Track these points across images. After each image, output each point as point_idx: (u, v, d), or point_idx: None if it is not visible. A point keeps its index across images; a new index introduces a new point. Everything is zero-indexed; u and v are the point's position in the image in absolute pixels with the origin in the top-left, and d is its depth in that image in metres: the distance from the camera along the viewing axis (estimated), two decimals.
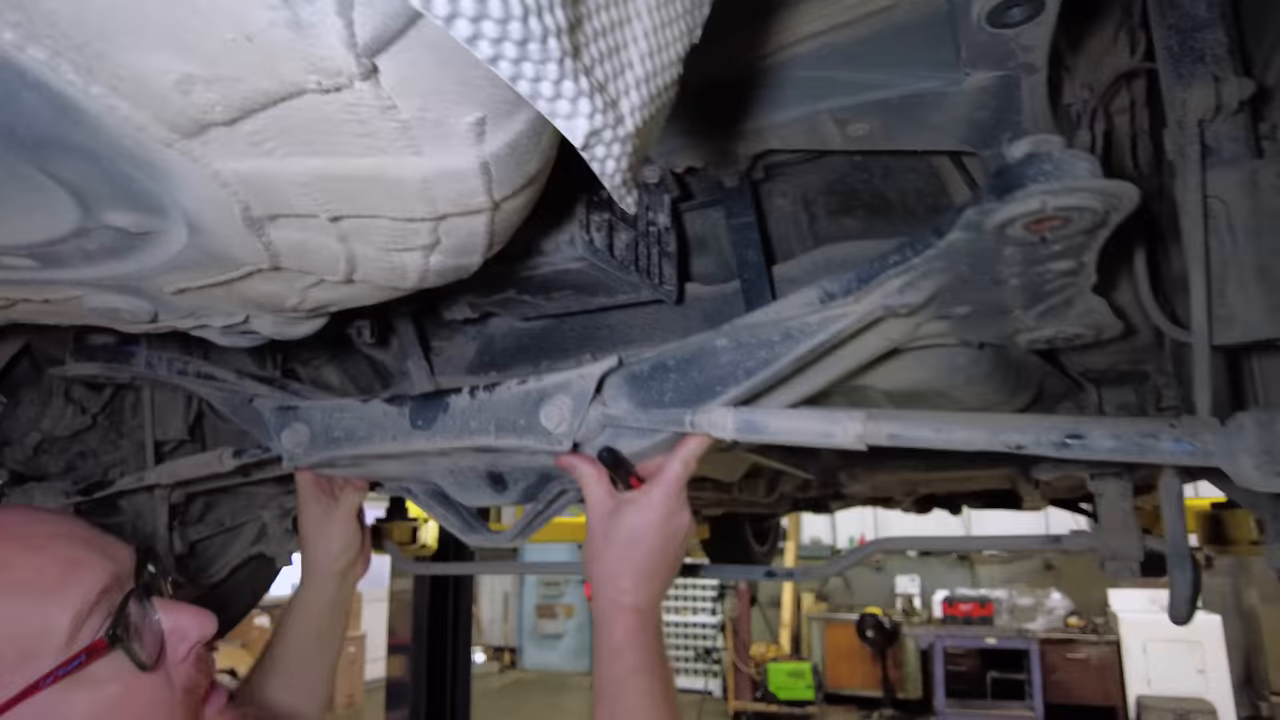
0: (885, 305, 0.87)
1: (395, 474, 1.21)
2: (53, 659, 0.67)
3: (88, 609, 0.70)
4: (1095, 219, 0.71)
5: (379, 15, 0.36)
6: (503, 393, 0.98)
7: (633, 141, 0.48)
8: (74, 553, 0.73)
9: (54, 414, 1.48)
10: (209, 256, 0.68)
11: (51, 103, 0.43)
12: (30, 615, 0.68)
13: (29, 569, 0.70)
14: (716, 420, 0.86)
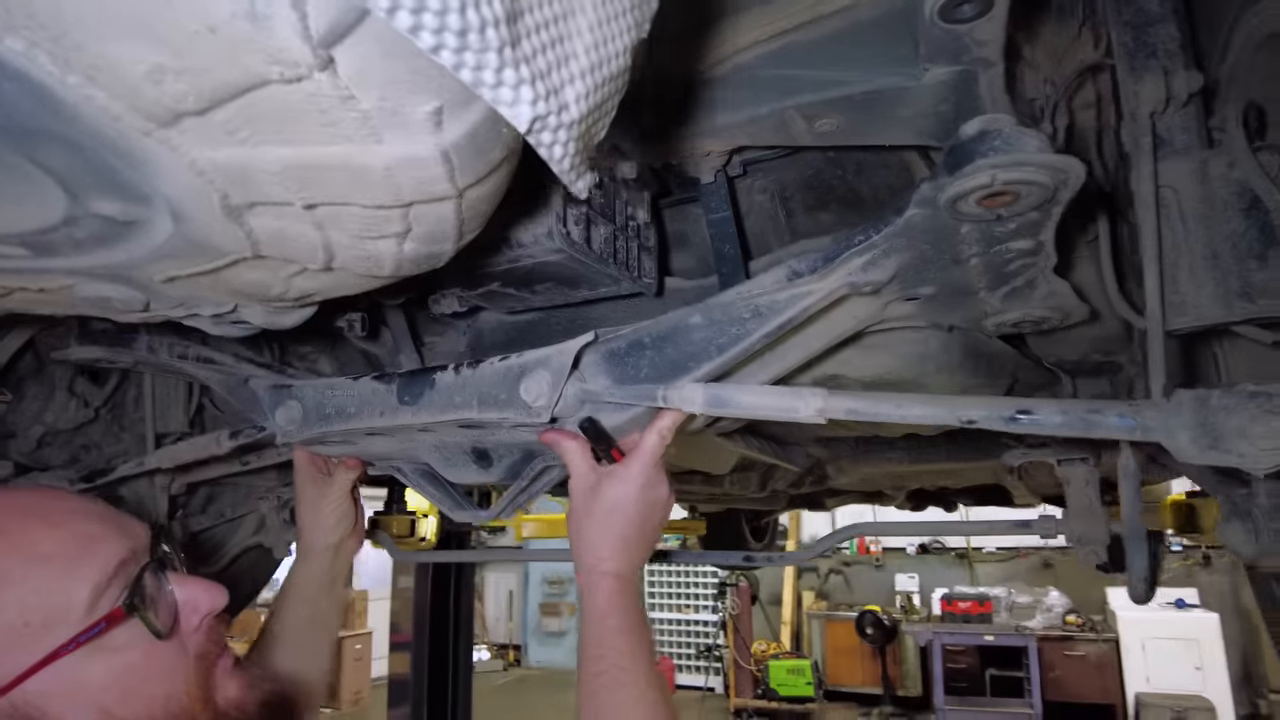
0: (850, 283, 0.90)
1: (384, 451, 1.24)
2: (74, 627, 0.71)
3: (106, 580, 0.74)
4: (1045, 194, 0.74)
5: (331, 8, 0.39)
6: (485, 368, 1.01)
7: (579, 128, 0.51)
8: (92, 528, 0.78)
9: (57, 407, 1.52)
10: (194, 245, 0.72)
11: (31, 93, 0.46)
12: (53, 586, 0.72)
13: (51, 543, 0.74)
14: (687, 395, 0.90)
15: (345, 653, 8.72)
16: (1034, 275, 0.96)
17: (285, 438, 1.17)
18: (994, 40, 0.83)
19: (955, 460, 1.98)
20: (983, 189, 0.72)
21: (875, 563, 9.43)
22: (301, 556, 1.30)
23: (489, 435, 1.10)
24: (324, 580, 1.30)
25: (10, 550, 0.73)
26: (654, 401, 0.92)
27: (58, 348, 1.42)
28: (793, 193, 1.38)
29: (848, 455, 2.19)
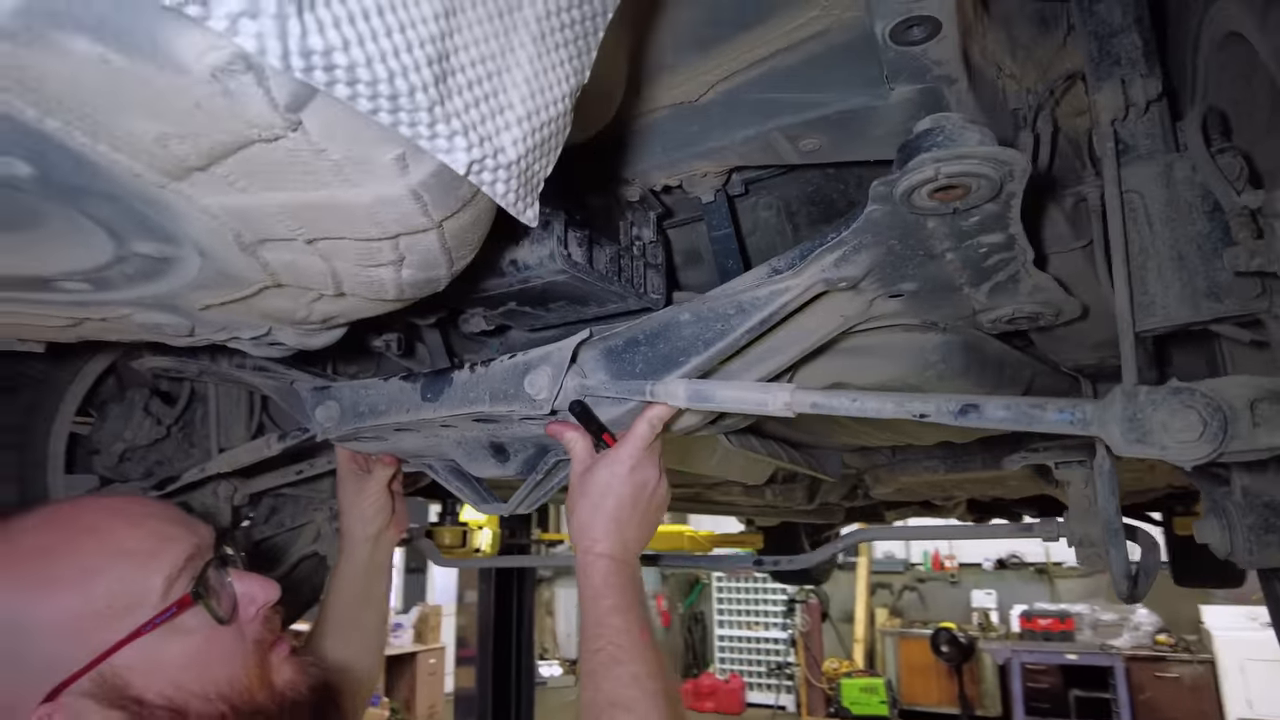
0: (824, 279, 0.96)
1: (414, 448, 1.34)
2: (150, 611, 0.83)
3: (176, 572, 0.85)
4: (993, 186, 0.79)
5: (288, 84, 0.48)
6: (496, 366, 1.11)
7: (517, 167, 0.59)
8: (166, 528, 0.89)
9: (135, 426, 1.68)
10: (222, 276, 0.82)
11: (73, 159, 0.57)
12: (133, 576, 0.84)
13: (132, 540, 0.86)
14: (672, 390, 0.97)
15: (419, 667, 8.95)
16: (1015, 270, 0.99)
17: (324, 434, 1.28)
18: (950, 59, 0.88)
19: (991, 468, 1.97)
20: (929, 182, 0.77)
21: (950, 579, 9.18)
22: (345, 547, 1.41)
23: (504, 430, 1.18)
24: (367, 568, 1.40)
25: (99, 546, 0.85)
26: (643, 396, 0.99)
27: (135, 373, 1.58)
28: (797, 208, 1.43)
29: (884, 464, 2.20)
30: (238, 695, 0.87)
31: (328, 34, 0.43)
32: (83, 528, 0.87)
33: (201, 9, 0.39)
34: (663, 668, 0.95)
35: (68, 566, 0.83)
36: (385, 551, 1.46)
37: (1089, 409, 0.72)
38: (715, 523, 9.29)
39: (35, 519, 0.89)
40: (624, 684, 0.91)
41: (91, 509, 0.93)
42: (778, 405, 0.90)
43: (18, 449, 1.47)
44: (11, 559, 0.83)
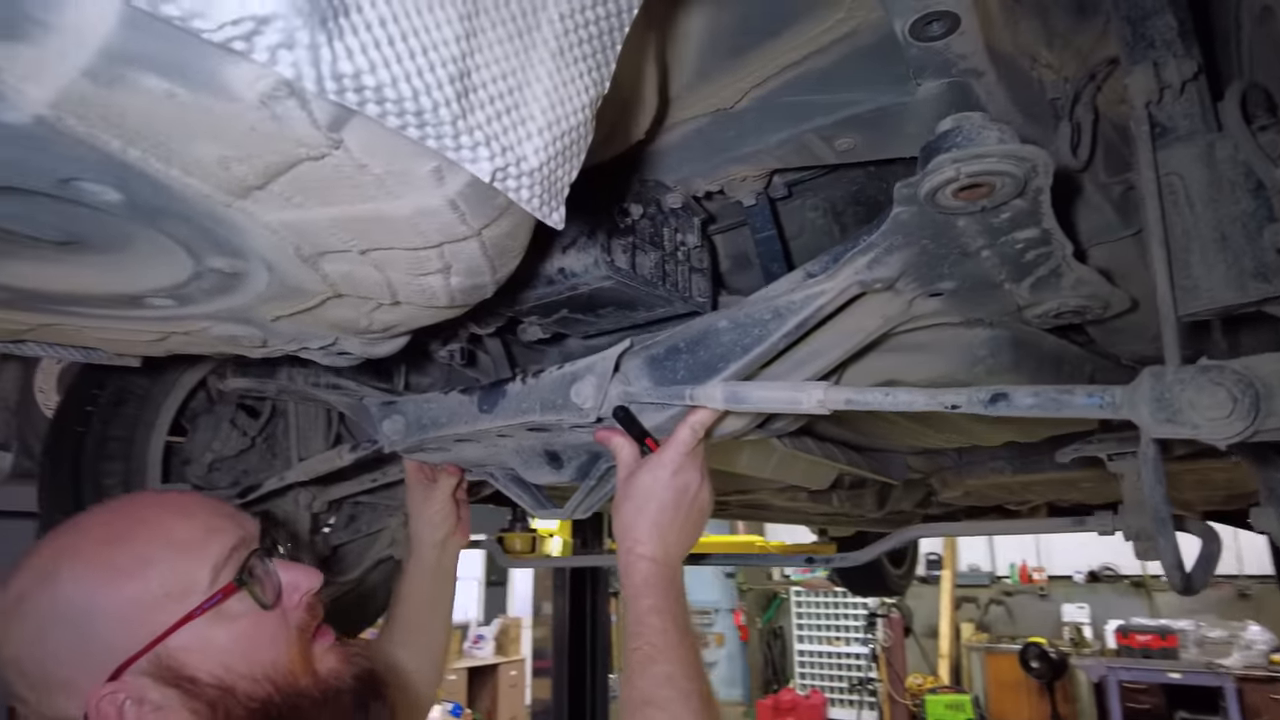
0: (859, 281, 0.98)
1: (475, 457, 1.41)
2: (200, 597, 0.89)
3: (222, 561, 0.92)
4: (1016, 183, 0.79)
5: (327, 106, 0.54)
6: (545, 377, 1.16)
7: (540, 174, 0.63)
8: (214, 521, 0.96)
9: (223, 437, 1.81)
10: (288, 288, 0.90)
11: (151, 184, 0.64)
12: (184, 564, 0.90)
13: (183, 531, 0.93)
14: (710, 393, 1.00)
15: (501, 679, 9.10)
16: (1055, 264, 0.99)
17: (391, 446, 1.36)
18: (974, 52, 0.89)
19: (1062, 469, 1.91)
20: (951, 182, 0.78)
21: (1040, 591, 8.82)
22: (412, 554, 1.48)
23: (556, 438, 1.23)
24: (433, 574, 1.47)
25: (154, 537, 0.92)
26: (684, 400, 1.02)
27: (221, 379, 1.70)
28: (843, 208, 1.44)
29: (950, 467, 2.17)
30: (282, 677, 0.92)
31: (356, 59, 0.49)
32: (140, 521, 0.94)
33: (245, 44, 0.45)
34: (699, 669, 0.97)
35: (127, 557, 0.89)
36: (451, 557, 1.53)
37: (1118, 392, 0.71)
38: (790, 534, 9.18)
39: (101, 512, 0.97)
40: (658, 683, 0.93)
41: (148, 504, 1.01)
42: (811, 402, 0.92)
43: (124, 459, 1.60)
44: (81, 549, 0.91)
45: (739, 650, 10.69)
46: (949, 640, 8.93)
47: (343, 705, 0.96)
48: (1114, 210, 1.13)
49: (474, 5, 0.58)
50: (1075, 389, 0.74)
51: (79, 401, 1.58)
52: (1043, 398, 0.75)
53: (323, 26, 0.46)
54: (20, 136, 0.57)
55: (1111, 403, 0.71)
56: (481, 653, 9.22)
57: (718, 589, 11.01)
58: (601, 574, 5.16)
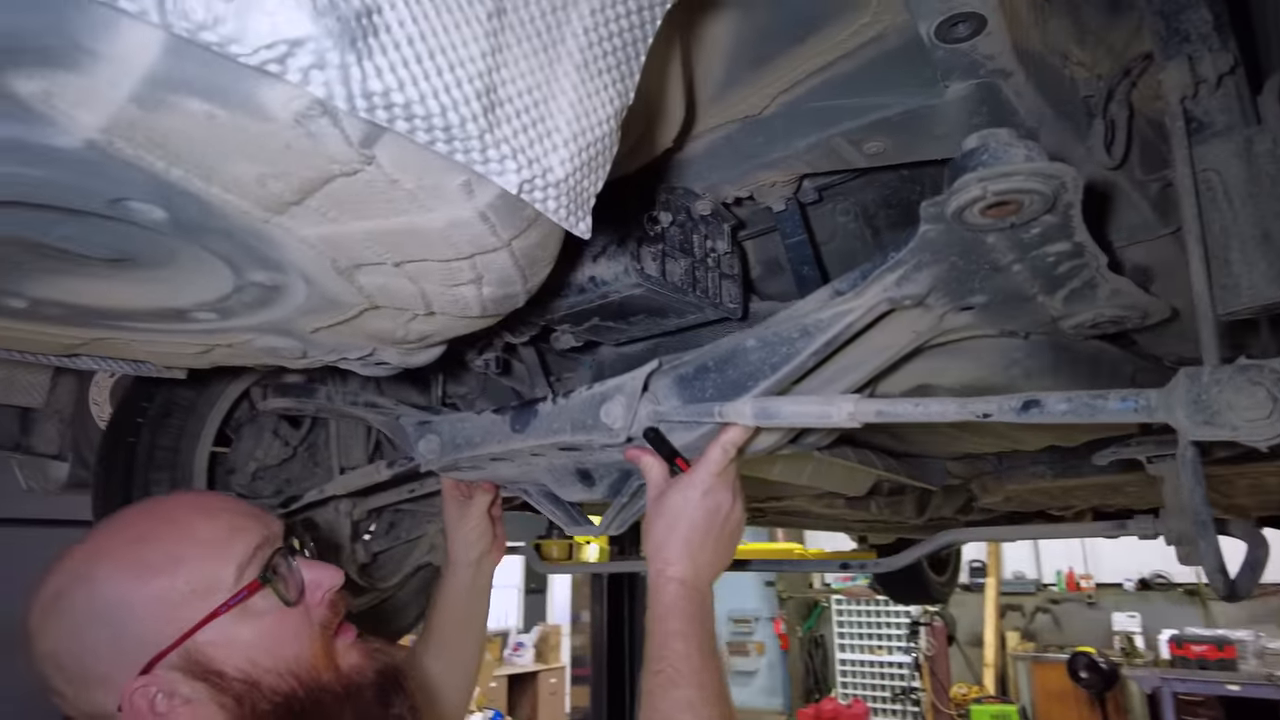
0: (887, 298, 0.97)
1: (510, 475, 1.42)
2: (225, 594, 0.92)
3: (247, 559, 0.95)
4: (1045, 200, 0.79)
5: (358, 123, 0.56)
6: (575, 397, 1.16)
7: (566, 184, 0.65)
8: (238, 520, 0.99)
9: (265, 447, 1.85)
10: (326, 300, 0.92)
11: (195, 201, 0.67)
12: (210, 563, 0.93)
13: (209, 531, 0.96)
14: (740, 410, 0.99)
15: (541, 686, 9.14)
16: (1089, 275, 0.98)
17: (427, 465, 1.38)
18: (1002, 52, 0.88)
19: (1104, 473, 1.87)
20: (978, 201, 0.78)
21: (1087, 599, 8.60)
22: (448, 568, 1.51)
23: (588, 456, 1.24)
24: (469, 590, 1.49)
25: (182, 536, 0.95)
26: (713, 417, 1.02)
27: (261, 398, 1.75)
28: (875, 211, 1.44)
29: (990, 472, 2.13)
30: (305, 672, 0.94)
31: (385, 77, 0.50)
32: (168, 521, 0.98)
33: (279, 66, 0.47)
34: (723, 695, 0.96)
35: (156, 555, 0.93)
36: (486, 574, 1.56)
37: (1153, 395, 0.70)
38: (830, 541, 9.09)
39: (132, 514, 1.01)
40: (679, 708, 0.92)
41: (177, 505, 1.05)
42: (842, 416, 0.91)
43: (171, 468, 1.65)
44: (113, 549, 0.94)
45: (779, 659, 10.60)
46: (994, 649, 8.75)
47: (365, 700, 0.98)
48: (1152, 208, 1.11)
49: (499, 21, 0.59)
50: (1109, 394, 0.73)
51: (129, 413, 1.64)
52: (1076, 403, 0.74)
53: (352, 47, 0.48)
54: (73, 160, 0.59)
55: (1147, 406, 0.70)
56: (521, 660, 9.27)
57: (758, 597, 10.93)
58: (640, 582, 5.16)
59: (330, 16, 0.46)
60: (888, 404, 0.89)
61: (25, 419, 1.83)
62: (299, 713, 0.92)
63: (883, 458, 1.87)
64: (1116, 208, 1.12)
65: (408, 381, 1.98)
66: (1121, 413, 0.71)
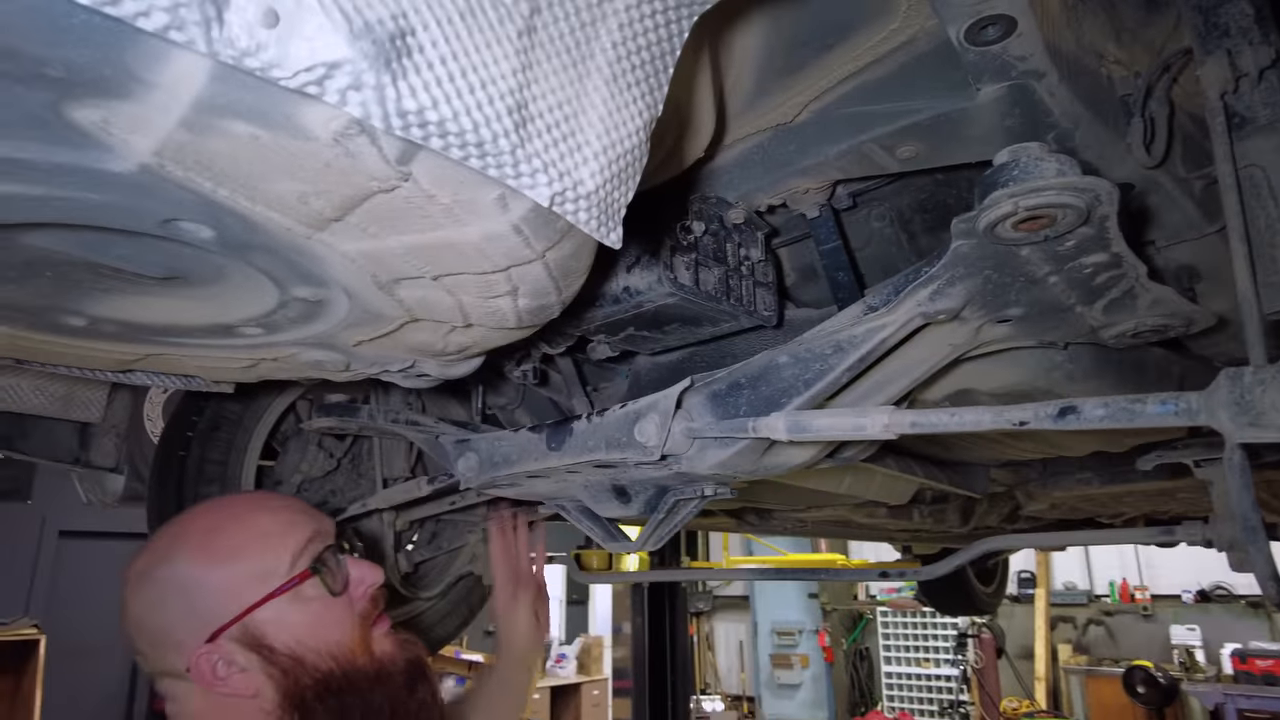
0: (921, 313, 0.96)
1: (547, 492, 1.44)
2: (281, 579, 1.04)
3: (300, 550, 1.06)
4: (1079, 214, 0.78)
5: (395, 141, 0.58)
6: (610, 416, 1.17)
7: (596, 196, 0.66)
8: (294, 516, 1.11)
9: (310, 459, 1.89)
10: (367, 314, 0.95)
11: (240, 220, 0.69)
12: (269, 551, 1.05)
13: (269, 524, 1.08)
14: (773, 424, 0.99)
15: (583, 698, 9.13)
16: (1129, 285, 0.96)
17: (466, 483, 1.40)
18: (1034, 53, 0.88)
19: (1152, 479, 1.82)
20: (1009, 216, 0.77)
21: (1143, 611, 8.34)
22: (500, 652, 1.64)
23: (623, 474, 1.25)
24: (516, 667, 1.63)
25: (244, 529, 1.07)
26: (746, 433, 1.01)
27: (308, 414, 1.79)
28: (910, 216, 1.42)
29: (1034, 479, 2.09)
30: (343, 655, 1.05)
31: (419, 96, 0.52)
32: (234, 515, 1.11)
33: (318, 88, 0.49)
34: None
35: (223, 544, 1.06)
36: (531, 660, 1.68)
37: (1194, 398, 0.68)
38: (875, 552, 8.95)
39: (206, 508, 1.15)
40: None
41: (241, 502, 1.22)
42: (876, 428, 0.90)
43: (220, 481, 1.70)
44: (189, 536, 1.07)
45: (824, 672, 10.46)
46: (1045, 662, 8.53)
47: (394, 684, 1.09)
48: (1196, 207, 1.09)
49: (530, 39, 0.61)
50: (1148, 397, 0.71)
51: (180, 427, 1.69)
52: (1113, 408, 0.72)
53: (387, 67, 0.49)
54: (128, 184, 0.62)
55: (1188, 409, 0.68)
56: (564, 671, 9.28)
57: (801, 609, 10.81)
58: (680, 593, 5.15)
59: (366, 39, 0.48)
60: (922, 415, 0.88)
61: (84, 434, 1.90)
62: (335, 690, 1.03)
63: (924, 465, 1.85)
64: (1158, 207, 1.10)
65: (449, 394, 2.01)
66: (1161, 416, 0.70)
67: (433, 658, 4.63)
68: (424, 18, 0.52)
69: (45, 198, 0.66)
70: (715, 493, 1.26)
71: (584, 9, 0.64)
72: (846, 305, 1.36)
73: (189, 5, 0.43)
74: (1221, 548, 1.13)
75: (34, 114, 0.54)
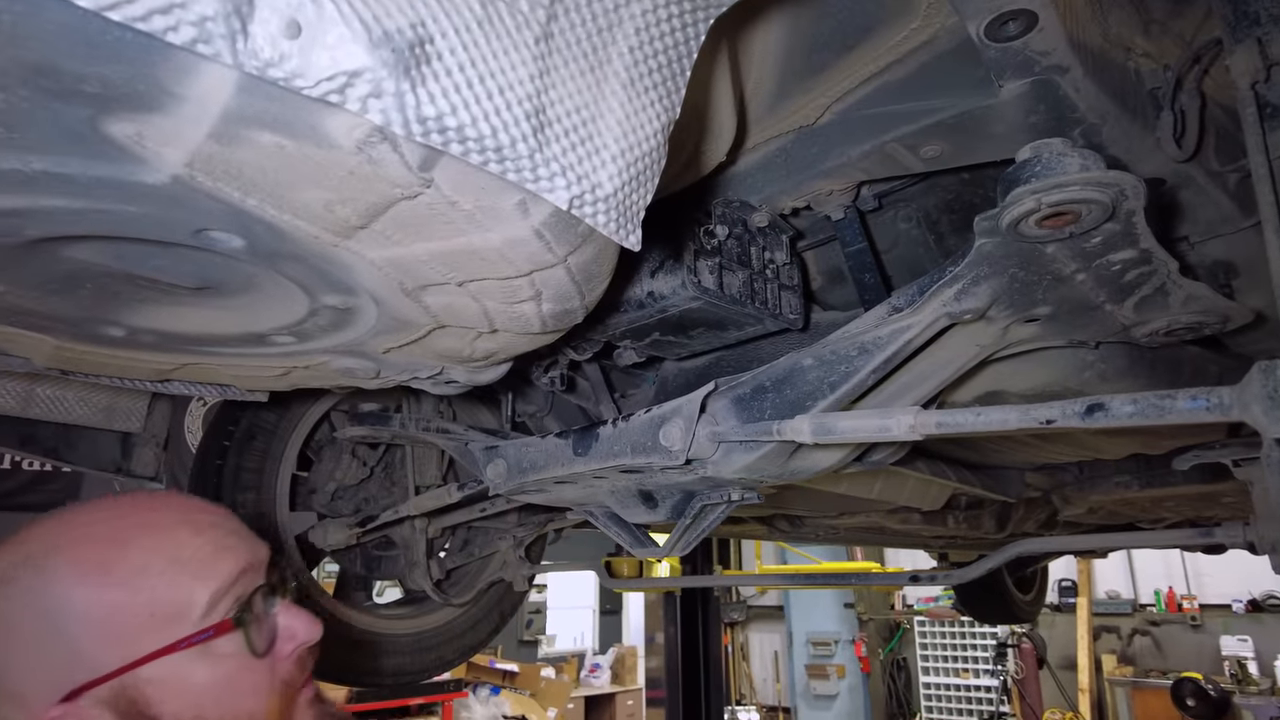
0: (946, 313, 0.95)
1: (574, 498, 1.44)
2: (189, 627, 0.77)
3: (224, 590, 0.80)
4: (1104, 209, 0.77)
5: (416, 148, 0.59)
6: (635, 421, 1.17)
7: (615, 199, 0.66)
8: (226, 540, 0.84)
9: (344, 468, 1.92)
10: (395, 321, 0.96)
11: (269, 229, 0.71)
12: (183, 587, 0.78)
13: (191, 548, 0.81)
14: (797, 427, 0.98)
15: (618, 709, 9.11)
16: (1160, 282, 0.94)
17: (495, 489, 1.41)
18: (1057, 48, 0.87)
19: (1194, 482, 1.78)
20: (1032, 213, 0.76)
21: (1191, 621, 8.11)
22: None
23: (649, 479, 1.25)
24: None
25: (158, 547, 0.79)
26: (770, 436, 1.01)
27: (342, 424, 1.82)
28: (938, 216, 1.41)
29: (1071, 483, 2.05)
30: None
31: (438, 102, 0.53)
32: (146, 524, 0.82)
33: (340, 96, 0.50)
34: None
35: (122, 560, 0.77)
36: None
37: (1225, 393, 0.67)
38: (912, 560, 8.82)
39: (113, 504, 0.85)
40: None
41: (164, 507, 0.87)
42: (901, 429, 0.89)
43: (256, 489, 1.73)
44: (78, 541, 0.79)
45: (860, 682, 10.32)
46: (1089, 673, 8.32)
47: None
48: (1230, 200, 1.07)
49: (547, 45, 0.62)
50: (1179, 393, 0.70)
51: (218, 436, 1.73)
52: (1142, 405, 0.71)
53: (406, 75, 0.51)
54: (161, 195, 0.64)
55: (1219, 404, 0.67)
56: (598, 681, 9.27)
57: (837, 619, 10.69)
58: (713, 601, 5.12)
59: (385, 48, 0.49)
60: (947, 415, 0.87)
61: (126, 444, 1.95)
62: None
63: (956, 469, 1.82)
64: (1191, 202, 1.08)
65: (479, 402, 2.03)
66: (1192, 412, 0.68)
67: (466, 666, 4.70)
68: (442, 26, 0.53)
69: (84, 210, 0.68)
70: (742, 497, 1.26)
71: (600, 15, 0.65)
72: (871, 304, 1.35)
73: (215, 19, 0.45)
74: (1263, 550, 1.10)
75: (73, 129, 0.56)
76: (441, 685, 5.65)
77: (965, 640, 9.68)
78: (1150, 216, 0.83)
